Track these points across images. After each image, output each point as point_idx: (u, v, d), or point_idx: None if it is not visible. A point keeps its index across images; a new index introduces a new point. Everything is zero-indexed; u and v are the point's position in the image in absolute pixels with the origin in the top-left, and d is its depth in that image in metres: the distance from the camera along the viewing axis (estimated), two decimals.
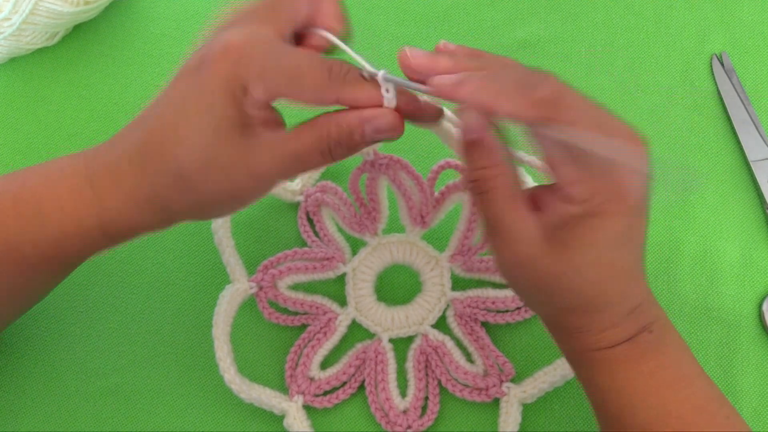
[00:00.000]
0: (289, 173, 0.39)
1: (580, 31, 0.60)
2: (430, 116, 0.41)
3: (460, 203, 0.52)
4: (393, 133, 0.39)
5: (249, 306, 0.52)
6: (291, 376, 0.50)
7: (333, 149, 0.38)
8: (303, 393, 0.49)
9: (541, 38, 0.60)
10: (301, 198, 0.54)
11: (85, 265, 0.45)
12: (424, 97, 0.40)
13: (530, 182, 0.50)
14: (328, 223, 0.53)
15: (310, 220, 0.54)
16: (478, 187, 0.38)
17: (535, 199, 0.38)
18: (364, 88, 0.38)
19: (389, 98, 0.38)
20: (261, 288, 0.51)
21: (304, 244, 0.53)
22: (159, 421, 0.51)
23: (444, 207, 0.52)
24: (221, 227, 0.51)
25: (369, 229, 0.52)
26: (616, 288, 0.38)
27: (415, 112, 0.40)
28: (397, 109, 0.38)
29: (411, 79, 0.39)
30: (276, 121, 0.39)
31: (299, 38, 0.41)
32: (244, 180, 0.38)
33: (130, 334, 0.53)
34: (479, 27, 0.60)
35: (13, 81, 0.60)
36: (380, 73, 0.38)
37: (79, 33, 0.61)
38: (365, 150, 0.50)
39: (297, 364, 0.50)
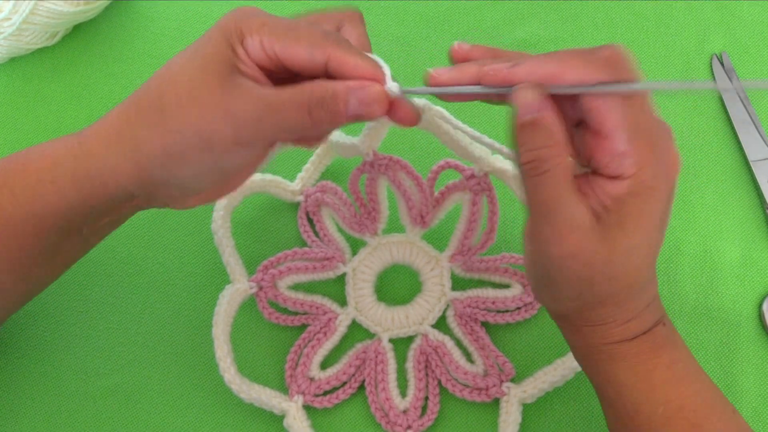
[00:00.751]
0: (266, 126, 0.38)
1: (580, 31, 0.60)
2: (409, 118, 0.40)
3: (460, 203, 0.52)
4: (376, 107, 0.38)
5: (249, 306, 0.52)
6: (291, 376, 0.50)
7: (313, 108, 0.37)
8: (303, 393, 0.49)
9: (541, 38, 0.60)
10: (301, 198, 0.54)
11: (85, 265, 0.46)
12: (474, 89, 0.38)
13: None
14: (328, 223, 0.53)
15: (310, 220, 0.54)
16: (534, 169, 0.36)
17: (583, 181, 0.37)
18: (358, 54, 0.38)
19: (392, 85, 0.38)
20: (261, 288, 0.51)
21: (304, 244, 0.53)
22: (159, 421, 0.51)
23: (444, 207, 0.52)
24: (221, 227, 0.51)
25: (369, 229, 0.52)
26: (648, 275, 0.38)
27: (410, 115, 0.39)
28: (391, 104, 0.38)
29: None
30: (262, 81, 0.38)
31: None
32: (218, 121, 0.37)
33: (130, 334, 0.53)
34: (479, 27, 0.60)
35: (13, 81, 0.60)
36: (395, 86, 0.38)
37: (79, 33, 0.61)
38: (364, 150, 0.50)
39: (297, 364, 0.50)
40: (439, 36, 0.60)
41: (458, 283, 0.52)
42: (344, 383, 0.50)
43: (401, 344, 0.51)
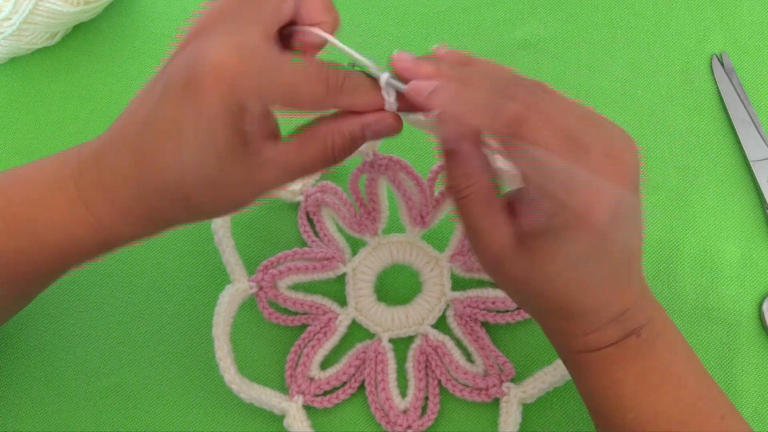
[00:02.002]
0: (293, 181, 0.40)
1: (580, 31, 0.60)
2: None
3: None
4: (392, 134, 0.39)
5: (249, 306, 0.52)
6: (291, 376, 0.50)
7: (337, 156, 0.39)
8: (303, 393, 0.49)
9: (541, 38, 0.60)
10: (301, 198, 0.54)
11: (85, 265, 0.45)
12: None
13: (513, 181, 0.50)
14: (328, 223, 0.53)
15: (310, 220, 0.54)
16: (455, 194, 0.39)
17: (512, 204, 0.39)
18: (362, 95, 0.38)
19: (391, 102, 0.38)
20: (261, 288, 0.51)
21: (304, 244, 0.53)
22: (159, 421, 0.51)
23: (444, 207, 0.52)
24: (221, 227, 0.51)
25: (369, 229, 0.52)
26: (590, 300, 0.38)
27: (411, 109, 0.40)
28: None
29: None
30: (273, 128, 0.38)
31: (288, 34, 0.39)
32: (248, 193, 0.39)
33: (130, 334, 0.53)
34: (479, 27, 0.60)
35: (13, 81, 0.60)
36: (383, 77, 0.38)
37: (79, 33, 0.61)
38: (364, 151, 0.50)
39: (297, 364, 0.50)
40: (439, 36, 0.60)
41: (458, 283, 0.52)
42: (344, 383, 0.50)
43: (401, 344, 0.51)
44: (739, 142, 0.56)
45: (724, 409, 0.40)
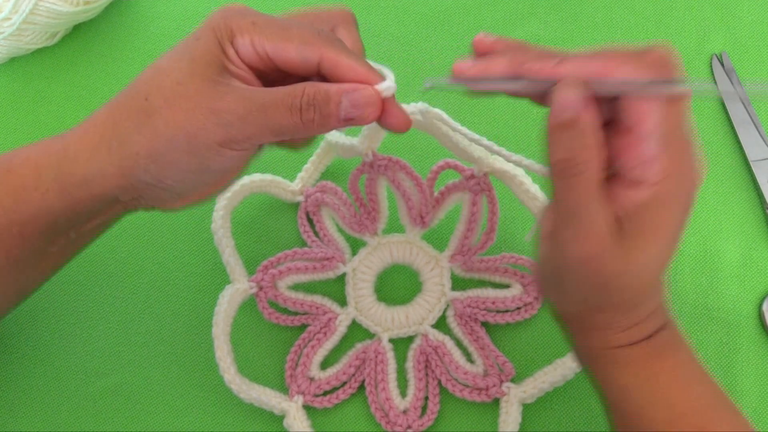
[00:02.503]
0: (253, 126, 0.37)
1: (580, 31, 0.60)
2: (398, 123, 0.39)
3: (460, 203, 0.52)
4: (369, 111, 0.37)
5: (249, 306, 0.52)
6: (291, 376, 0.50)
7: (304, 108, 0.37)
8: (303, 393, 0.49)
9: (541, 38, 0.60)
10: (301, 198, 0.54)
11: (85, 265, 0.46)
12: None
13: (537, 188, 0.50)
14: (328, 223, 0.53)
15: (310, 220, 0.54)
16: (565, 170, 0.34)
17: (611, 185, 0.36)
18: (352, 56, 0.37)
19: (388, 85, 0.37)
20: (261, 288, 0.51)
21: (304, 244, 0.53)
22: (159, 421, 0.51)
23: (444, 207, 0.52)
24: (221, 227, 0.51)
25: (369, 229, 0.52)
26: (656, 285, 0.37)
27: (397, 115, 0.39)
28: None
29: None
30: (252, 82, 0.38)
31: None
32: (204, 120, 0.36)
33: (130, 334, 0.53)
34: (479, 27, 0.60)
35: (13, 81, 0.60)
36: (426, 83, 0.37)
37: (79, 33, 0.61)
38: (363, 151, 0.50)
39: (297, 364, 0.50)
40: (439, 36, 0.60)
41: (458, 283, 0.52)
42: (344, 383, 0.50)
43: (401, 344, 0.51)
44: (739, 142, 0.56)
45: (734, 407, 0.40)
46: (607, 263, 0.35)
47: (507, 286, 0.51)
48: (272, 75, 0.38)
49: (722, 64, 0.58)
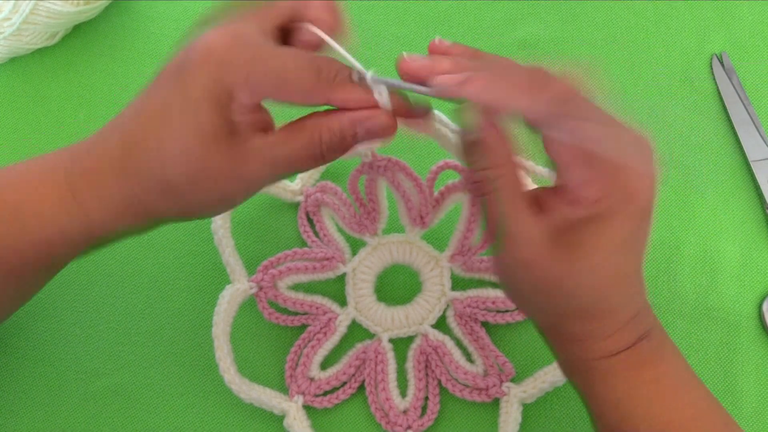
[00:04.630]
0: (280, 177, 0.39)
1: (580, 31, 0.60)
2: (420, 114, 0.40)
3: (460, 203, 0.52)
4: (385, 134, 0.38)
5: (249, 306, 0.52)
6: (291, 376, 0.50)
7: (325, 153, 0.38)
8: (303, 393, 0.49)
9: (541, 38, 0.60)
10: (301, 198, 0.54)
11: (85, 265, 0.45)
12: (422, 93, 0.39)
13: (530, 184, 0.50)
14: (328, 223, 0.53)
15: (310, 220, 0.54)
16: (480, 189, 0.37)
17: (539, 200, 0.37)
18: (355, 89, 0.37)
19: (383, 102, 0.38)
20: (261, 288, 0.51)
21: (304, 244, 0.53)
22: (159, 421, 0.51)
23: (443, 207, 0.52)
24: (221, 227, 0.51)
25: (369, 229, 0.52)
26: (619, 294, 0.37)
27: (406, 113, 0.39)
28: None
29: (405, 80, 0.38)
30: (264, 122, 0.38)
31: (288, 33, 0.39)
32: (234, 187, 0.38)
33: (130, 334, 0.53)
34: (479, 27, 0.60)
35: (13, 81, 0.60)
36: (368, 75, 0.38)
37: (79, 33, 0.61)
38: (363, 152, 0.50)
39: (297, 364, 0.50)
40: (439, 36, 0.60)
41: (458, 283, 0.52)
42: (344, 383, 0.50)
43: (401, 344, 0.51)
44: (739, 142, 0.56)
45: (726, 417, 0.40)
46: (546, 268, 0.36)
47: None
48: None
49: (722, 64, 0.58)
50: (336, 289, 0.52)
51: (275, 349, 0.52)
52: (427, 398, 0.50)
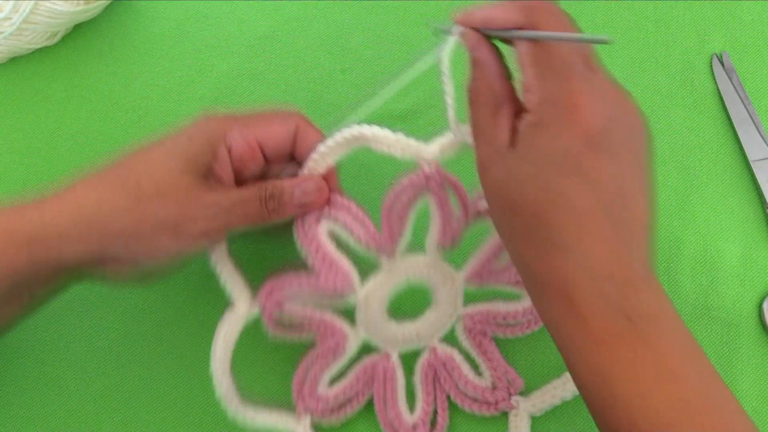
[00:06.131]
0: (233, 216, 0.43)
1: (579, 31, 0.60)
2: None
3: (485, 227, 0.48)
4: (318, 195, 0.45)
5: (253, 321, 0.49)
6: (298, 394, 0.48)
7: (267, 201, 0.44)
8: (311, 412, 0.48)
9: None
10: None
11: None
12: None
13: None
14: (328, 244, 0.47)
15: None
16: (469, 96, 0.42)
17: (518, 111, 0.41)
18: (312, 125, 0.47)
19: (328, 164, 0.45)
20: (265, 308, 0.47)
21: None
22: (159, 421, 0.51)
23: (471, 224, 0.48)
24: (218, 249, 0.47)
25: (387, 251, 0.47)
26: (567, 215, 0.36)
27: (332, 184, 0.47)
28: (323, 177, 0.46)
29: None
30: (230, 184, 0.45)
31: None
32: (193, 210, 0.42)
33: (130, 334, 0.53)
34: None
35: (13, 81, 0.60)
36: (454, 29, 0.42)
37: (79, 33, 0.61)
38: (426, 161, 0.46)
39: (304, 383, 0.49)
40: (439, 36, 0.60)
41: (468, 295, 0.50)
42: (351, 399, 0.49)
43: (408, 357, 0.50)
44: (739, 142, 0.56)
45: (731, 409, 0.39)
46: (492, 170, 0.39)
47: (517, 297, 0.50)
48: (251, 167, 0.46)
49: (722, 64, 0.58)
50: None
51: (281, 364, 0.51)
52: (435, 412, 0.49)
